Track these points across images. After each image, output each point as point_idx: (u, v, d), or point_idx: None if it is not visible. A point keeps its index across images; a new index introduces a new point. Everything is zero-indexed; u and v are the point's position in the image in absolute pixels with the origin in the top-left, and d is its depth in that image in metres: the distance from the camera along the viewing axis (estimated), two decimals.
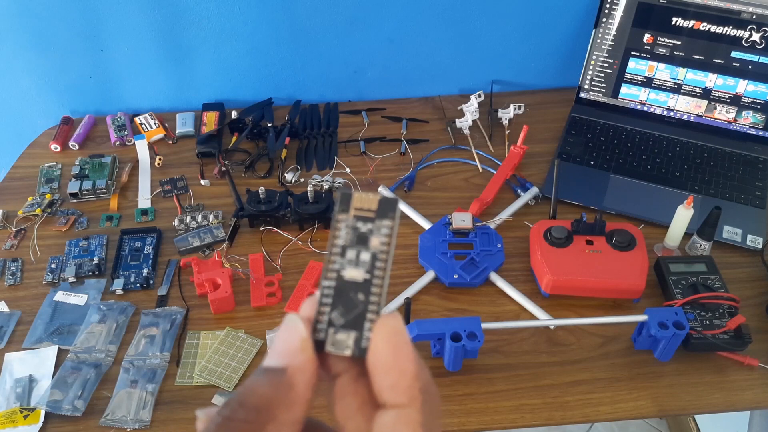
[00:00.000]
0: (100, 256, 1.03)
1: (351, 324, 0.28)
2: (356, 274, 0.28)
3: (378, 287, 0.28)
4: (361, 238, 0.28)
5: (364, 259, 0.28)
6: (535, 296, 0.96)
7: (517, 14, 1.24)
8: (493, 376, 0.87)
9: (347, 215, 0.28)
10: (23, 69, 1.25)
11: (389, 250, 0.28)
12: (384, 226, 0.28)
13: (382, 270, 0.28)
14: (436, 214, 1.06)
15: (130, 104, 1.32)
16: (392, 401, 0.27)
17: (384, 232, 0.28)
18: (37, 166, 1.20)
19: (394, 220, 0.28)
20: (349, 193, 0.28)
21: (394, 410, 0.27)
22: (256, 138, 1.23)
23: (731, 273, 0.97)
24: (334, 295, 0.28)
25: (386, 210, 0.28)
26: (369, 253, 0.28)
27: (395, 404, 0.27)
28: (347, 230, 0.28)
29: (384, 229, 0.28)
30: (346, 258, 0.28)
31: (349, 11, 1.21)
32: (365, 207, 0.28)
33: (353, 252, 0.28)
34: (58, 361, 0.90)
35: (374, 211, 0.28)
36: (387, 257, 0.28)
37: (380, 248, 0.28)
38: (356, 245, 0.28)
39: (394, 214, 0.28)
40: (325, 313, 0.28)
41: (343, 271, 0.28)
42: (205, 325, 0.94)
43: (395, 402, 0.27)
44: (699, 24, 1.13)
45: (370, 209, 0.28)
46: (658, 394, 0.85)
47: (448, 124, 1.25)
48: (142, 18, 1.19)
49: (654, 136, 1.19)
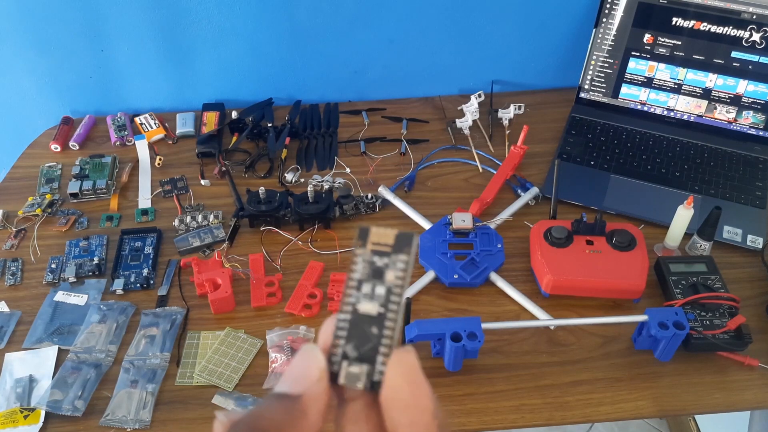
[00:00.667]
0: (100, 256, 1.03)
1: (364, 357, 0.28)
2: (371, 308, 0.28)
3: (392, 321, 0.28)
4: (377, 272, 0.28)
5: (379, 293, 0.28)
6: (535, 296, 0.96)
7: (517, 14, 1.24)
8: (494, 376, 0.87)
9: (365, 249, 0.29)
10: (23, 69, 1.25)
11: (404, 284, 0.28)
12: (400, 260, 0.28)
13: (396, 304, 0.28)
14: (436, 214, 1.06)
15: (131, 104, 1.32)
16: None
17: (399, 266, 0.28)
18: (38, 166, 1.20)
19: (410, 255, 0.28)
20: (368, 228, 0.29)
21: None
22: (257, 138, 1.23)
23: (731, 273, 0.97)
24: (348, 327, 0.28)
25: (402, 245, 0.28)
26: (384, 287, 0.28)
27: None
28: (364, 264, 0.28)
29: (400, 264, 0.28)
30: (362, 292, 0.28)
31: (349, 11, 1.21)
32: (382, 242, 0.29)
33: (369, 286, 0.28)
34: (58, 361, 0.90)
35: (391, 246, 0.29)
36: (402, 291, 0.28)
37: (395, 282, 0.28)
38: (372, 279, 0.28)
39: (410, 249, 0.28)
40: (339, 346, 0.28)
41: (358, 305, 0.28)
42: (205, 325, 0.94)
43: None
44: (699, 24, 1.13)
45: (387, 244, 0.29)
46: (659, 394, 0.85)
47: (448, 124, 1.25)
48: (142, 18, 1.19)
49: (654, 136, 1.19)
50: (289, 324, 0.93)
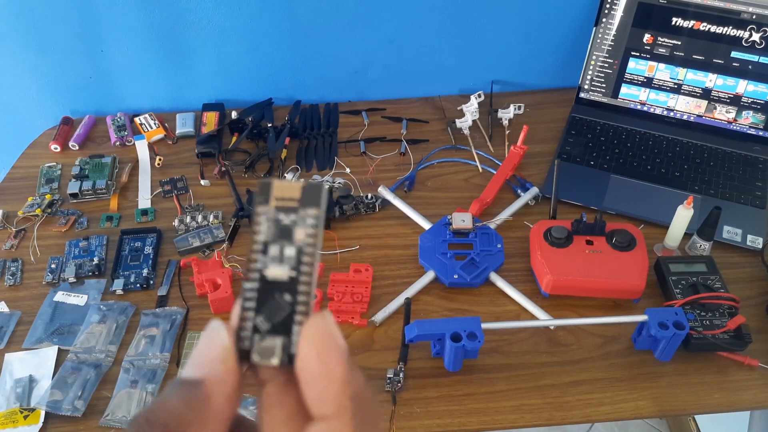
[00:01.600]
0: (100, 257, 1.03)
1: (278, 329, 0.25)
2: (280, 273, 0.25)
3: (306, 285, 0.25)
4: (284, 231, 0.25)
5: (288, 255, 0.25)
6: (535, 296, 0.96)
7: (517, 14, 1.24)
8: (494, 376, 0.87)
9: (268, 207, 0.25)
10: (23, 69, 1.25)
11: (316, 242, 0.25)
12: (309, 215, 0.25)
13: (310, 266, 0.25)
14: (436, 214, 1.06)
15: (130, 104, 1.32)
16: (320, 412, 0.24)
17: (310, 222, 0.25)
18: (37, 166, 1.20)
19: (320, 209, 0.26)
20: (269, 181, 0.26)
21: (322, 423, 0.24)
22: (256, 138, 1.23)
23: (731, 273, 0.97)
24: (257, 297, 0.25)
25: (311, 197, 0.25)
26: (294, 247, 0.25)
27: (323, 416, 0.24)
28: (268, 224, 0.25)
29: (309, 219, 0.25)
30: (269, 255, 0.25)
31: (349, 11, 1.21)
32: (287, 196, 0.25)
33: (276, 248, 0.25)
34: (58, 362, 0.90)
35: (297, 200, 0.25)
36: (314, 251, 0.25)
37: (306, 241, 0.25)
38: (279, 239, 0.25)
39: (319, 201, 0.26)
40: (248, 319, 0.25)
41: (266, 270, 0.25)
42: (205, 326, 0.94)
43: (322, 413, 0.24)
44: (699, 24, 1.13)
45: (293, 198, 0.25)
46: (658, 394, 0.85)
47: (448, 124, 1.25)
48: (142, 18, 1.19)
49: (654, 136, 1.19)
50: None
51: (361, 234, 1.06)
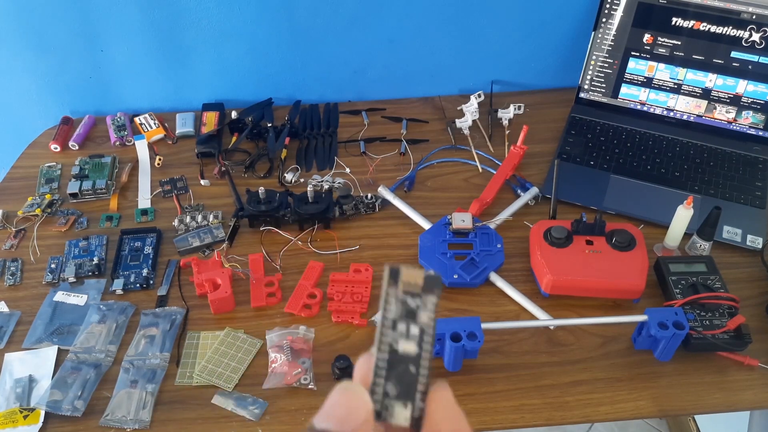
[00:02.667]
0: (100, 257, 1.03)
1: (404, 394, 0.29)
2: (410, 348, 0.29)
3: (427, 360, 0.29)
4: (410, 312, 0.29)
5: (413, 333, 0.29)
6: (535, 296, 0.96)
7: (517, 14, 1.24)
8: (493, 376, 0.87)
9: (396, 289, 0.30)
10: (23, 69, 1.25)
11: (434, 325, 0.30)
12: (430, 302, 0.30)
13: (430, 344, 0.29)
14: (436, 214, 1.06)
15: (130, 104, 1.32)
16: None
17: (430, 308, 0.30)
18: (37, 166, 1.20)
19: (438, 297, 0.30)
20: (398, 267, 0.30)
21: None
22: (256, 138, 1.23)
23: (731, 273, 0.97)
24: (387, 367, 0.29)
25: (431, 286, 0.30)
26: (418, 327, 0.29)
27: None
28: (397, 304, 0.29)
29: (430, 305, 0.30)
30: (398, 331, 0.29)
31: (349, 11, 1.21)
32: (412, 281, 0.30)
33: (403, 325, 0.29)
34: (58, 361, 0.90)
35: (421, 287, 0.30)
36: (433, 332, 0.29)
37: (428, 324, 0.30)
38: (405, 319, 0.29)
39: (439, 291, 0.30)
40: (380, 384, 0.29)
41: (397, 345, 0.29)
42: (205, 326, 0.94)
43: None
44: (699, 24, 1.13)
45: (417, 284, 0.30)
46: (658, 394, 0.85)
47: (448, 124, 1.25)
48: (142, 18, 1.19)
49: (654, 136, 1.19)
50: (289, 324, 0.93)
51: (361, 234, 1.06)
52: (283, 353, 0.88)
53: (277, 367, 0.87)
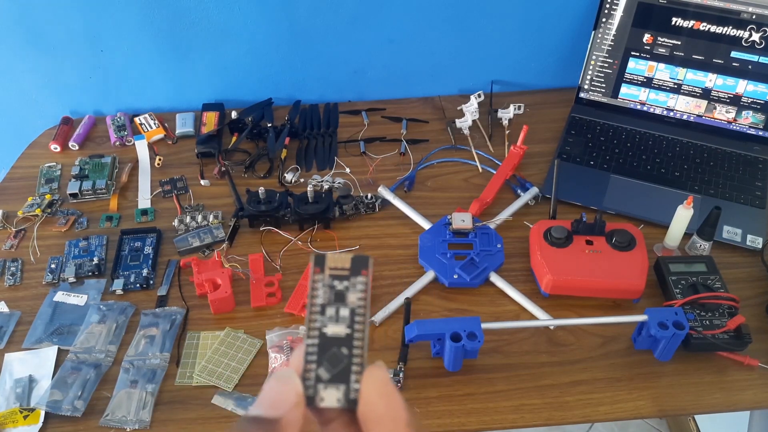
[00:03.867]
0: (100, 257, 1.03)
1: (338, 378, 0.29)
2: (339, 330, 0.30)
3: (360, 340, 0.30)
4: (339, 295, 0.30)
5: (343, 315, 0.30)
6: (535, 296, 0.96)
7: (517, 14, 1.24)
8: (493, 376, 0.87)
9: (323, 275, 0.30)
10: (23, 69, 1.25)
11: (366, 304, 0.30)
12: (359, 282, 0.30)
13: (362, 324, 0.30)
14: (436, 214, 1.06)
15: (130, 104, 1.32)
16: None
17: (359, 288, 0.30)
18: (37, 166, 1.20)
19: (368, 276, 0.30)
20: (323, 254, 0.30)
21: None
22: (256, 138, 1.23)
23: (731, 273, 0.97)
24: (318, 351, 0.29)
25: (359, 267, 0.30)
26: (348, 309, 0.30)
27: None
28: (324, 289, 0.30)
29: (359, 285, 0.30)
30: (327, 315, 0.30)
31: (349, 11, 1.21)
32: (339, 266, 0.30)
33: (332, 309, 0.30)
34: (58, 362, 0.90)
35: (348, 269, 0.30)
36: (365, 311, 0.30)
37: (358, 304, 0.30)
38: (334, 303, 0.30)
39: (367, 271, 0.30)
40: (311, 370, 0.29)
41: (325, 329, 0.30)
42: (204, 326, 0.94)
43: None
44: (699, 24, 1.13)
45: (345, 267, 0.30)
46: (658, 394, 0.85)
47: (448, 124, 1.25)
48: (142, 18, 1.19)
49: (654, 136, 1.19)
50: (289, 324, 0.93)
51: (361, 234, 1.06)
52: (283, 353, 0.88)
53: (277, 367, 0.87)
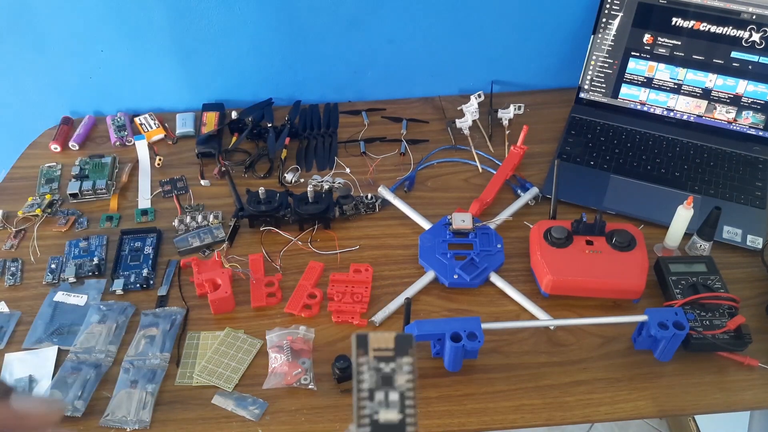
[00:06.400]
0: (100, 257, 1.03)
1: None
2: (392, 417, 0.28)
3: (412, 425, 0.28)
4: (386, 378, 0.28)
5: (393, 400, 0.28)
6: (535, 296, 0.96)
7: (517, 14, 1.24)
8: (493, 377, 0.87)
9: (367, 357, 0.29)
10: (23, 69, 1.25)
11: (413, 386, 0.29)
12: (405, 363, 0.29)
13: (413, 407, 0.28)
14: (436, 215, 1.06)
15: (130, 104, 1.32)
16: None
17: (406, 369, 0.29)
18: (37, 166, 1.20)
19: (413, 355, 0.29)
20: (366, 334, 0.29)
21: None
22: (256, 138, 1.23)
23: (731, 273, 0.97)
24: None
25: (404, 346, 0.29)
26: (397, 393, 0.28)
27: None
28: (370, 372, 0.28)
29: (406, 367, 0.29)
30: (376, 401, 0.28)
31: (349, 12, 1.21)
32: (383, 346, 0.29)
33: (381, 394, 0.28)
34: (58, 362, 0.90)
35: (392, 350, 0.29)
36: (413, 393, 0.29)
37: (407, 386, 0.28)
38: (383, 386, 0.28)
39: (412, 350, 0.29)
40: None
41: (377, 416, 0.28)
42: (205, 326, 0.94)
43: None
44: (699, 24, 1.13)
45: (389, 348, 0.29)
46: (658, 395, 0.85)
47: (448, 125, 1.25)
48: (142, 18, 1.19)
49: (654, 136, 1.19)
50: (289, 324, 0.93)
51: (361, 234, 1.06)
52: (283, 353, 0.88)
53: (277, 368, 0.87)
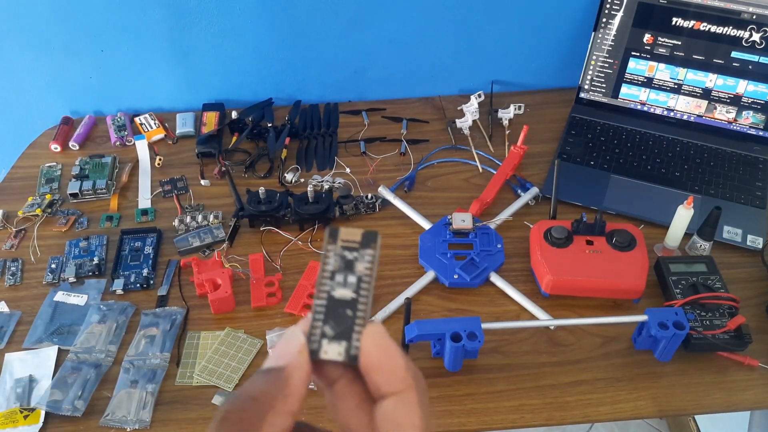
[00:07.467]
0: (100, 257, 1.03)
1: (341, 335, 0.32)
2: (345, 294, 0.33)
3: (364, 305, 0.33)
4: (348, 264, 0.33)
5: (351, 281, 0.33)
6: (535, 296, 0.96)
7: (517, 14, 1.24)
8: (493, 377, 0.87)
9: (335, 245, 0.33)
10: (23, 69, 1.25)
11: (372, 274, 0.33)
12: (367, 254, 0.33)
13: (367, 291, 0.33)
14: (436, 215, 1.06)
15: (130, 104, 1.32)
16: (390, 390, 0.31)
17: (367, 259, 0.33)
18: (38, 166, 1.20)
19: (376, 249, 0.33)
20: (337, 228, 0.34)
21: (393, 397, 0.31)
22: (256, 138, 1.23)
23: (731, 273, 0.97)
24: (325, 312, 0.33)
25: (368, 241, 0.33)
26: (355, 276, 0.33)
27: (393, 392, 0.31)
28: (335, 258, 0.33)
29: (367, 257, 0.33)
30: (336, 281, 0.33)
31: (349, 11, 1.21)
32: (350, 239, 0.33)
33: (341, 276, 0.33)
34: (58, 361, 0.90)
35: (358, 242, 0.33)
36: (371, 280, 0.33)
37: (365, 272, 0.33)
38: (344, 270, 0.33)
39: (375, 245, 0.33)
40: (318, 327, 0.32)
41: (333, 292, 0.33)
42: (205, 326, 0.94)
43: (393, 390, 0.31)
44: (699, 24, 1.13)
45: (355, 240, 0.33)
46: (658, 395, 0.85)
47: (448, 124, 1.25)
48: (142, 18, 1.19)
49: (654, 136, 1.19)
50: (289, 324, 0.93)
51: None
52: None
53: None
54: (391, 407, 0.31)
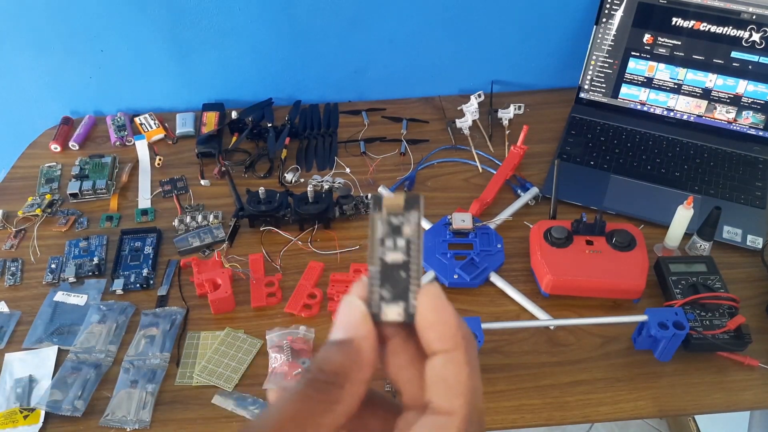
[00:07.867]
0: (100, 257, 1.03)
1: (398, 296, 0.34)
2: (397, 257, 0.34)
3: (416, 264, 0.34)
4: (395, 229, 0.34)
5: (400, 245, 0.34)
6: (535, 296, 0.96)
7: (517, 14, 1.24)
8: (494, 376, 0.87)
9: (380, 213, 0.34)
10: (23, 69, 1.25)
11: (419, 234, 0.34)
12: (412, 216, 0.34)
13: (417, 252, 0.34)
14: (436, 215, 1.06)
15: (130, 104, 1.32)
16: (440, 348, 0.32)
17: (413, 221, 0.34)
18: (37, 166, 1.20)
19: (420, 211, 0.34)
20: (380, 196, 0.34)
21: (443, 354, 0.32)
22: (256, 138, 1.23)
23: (731, 273, 0.97)
24: (380, 276, 0.34)
25: (412, 204, 0.34)
26: (404, 239, 0.34)
27: (443, 350, 0.32)
28: (382, 224, 0.34)
29: (413, 219, 0.34)
30: (386, 246, 0.34)
31: (349, 11, 1.21)
32: (394, 204, 0.34)
33: (390, 240, 0.34)
34: (58, 362, 0.90)
35: (402, 207, 0.34)
36: (418, 241, 0.34)
37: (412, 234, 0.34)
38: (392, 235, 0.34)
39: (419, 206, 0.34)
40: (375, 292, 0.34)
41: (385, 256, 0.34)
42: (205, 326, 0.94)
43: (443, 348, 0.32)
44: (699, 24, 1.13)
45: (399, 205, 0.34)
46: (658, 395, 0.85)
47: (448, 124, 1.25)
48: (142, 18, 1.19)
49: (654, 136, 1.19)
50: (289, 324, 0.93)
51: (361, 234, 1.06)
52: (283, 353, 0.88)
53: (277, 368, 0.87)
54: (440, 364, 0.32)
